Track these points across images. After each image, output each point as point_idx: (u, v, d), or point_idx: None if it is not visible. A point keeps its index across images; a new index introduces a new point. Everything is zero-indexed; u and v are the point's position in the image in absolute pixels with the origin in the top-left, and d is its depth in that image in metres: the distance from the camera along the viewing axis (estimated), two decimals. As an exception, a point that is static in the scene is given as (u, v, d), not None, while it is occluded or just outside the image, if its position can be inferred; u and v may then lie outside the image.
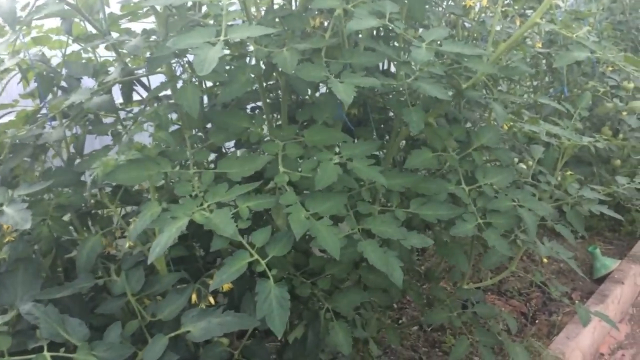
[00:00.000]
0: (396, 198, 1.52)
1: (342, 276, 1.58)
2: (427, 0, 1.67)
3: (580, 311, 1.81)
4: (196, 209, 1.23)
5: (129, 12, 1.61)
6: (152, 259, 1.16)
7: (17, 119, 1.64)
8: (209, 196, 1.27)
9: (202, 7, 1.56)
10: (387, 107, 1.80)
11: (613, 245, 3.18)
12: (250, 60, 1.56)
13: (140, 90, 1.68)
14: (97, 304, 1.43)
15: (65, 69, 1.64)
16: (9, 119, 1.65)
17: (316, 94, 1.67)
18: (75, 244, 1.57)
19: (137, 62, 1.79)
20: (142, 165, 1.28)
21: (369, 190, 1.48)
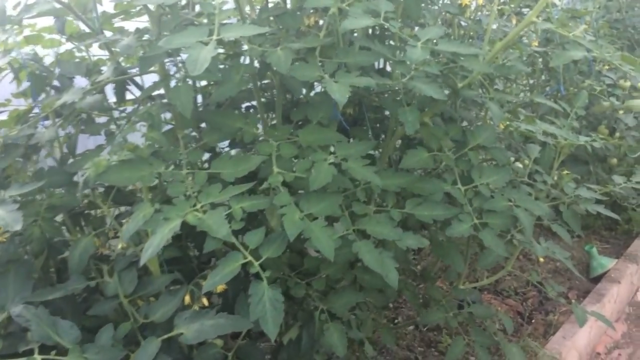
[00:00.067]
0: (392, 198, 1.51)
1: (337, 277, 1.57)
2: (423, -1, 1.66)
3: (577, 311, 1.81)
4: (189, 209, 1.22)
5: (121, 11, 1.59)
6: (144, 261, 1.14)
7: (9, 119, 1.62)
8: (202, 197, 1.26)
9: (196, 6, 1.54)
10: (382, 106, 1.79)
11: (609, 244, 3.18)
12: (245, 60, 1.55)
13: (134, 89, 1.66)
14: (90, 305, 1.42)
15: (58, 68, 1.63)
16: (1, 118, 1.63)
17: (311, 93, 1.66)
18: (67, 244, 1.55)
19: (130, 61, 1.78)
20: (134, 166, 1.27)
21: (364, 191, 1.47)
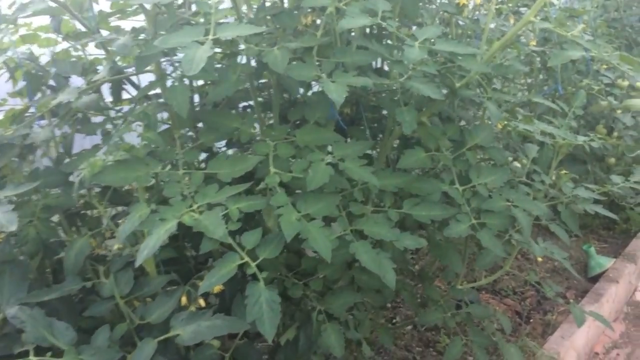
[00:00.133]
0: (389, 198, 1.50)
1: (334, 277, 1.56)
2: (421, -2, 1.65)
3: (575, 311, 1.80)
4: (185, 210, 1.21)
5: (118, 10, 1.58)
6: (139, 262, 1.14)
7: (4, 118, 1.61)
8: (198, 197, 1.25)
9: (193, 5, 1.53)
10: (380, 105, 1.79)
11: (607, 243, 3.18)
12: (242, 59, 1.54)
13: (132, 88, 1.66)
14: (87, 306, 1.41)
15: (54, 67, 1.62)
16: (-3, 118, 1.62)
17: (309, 92, 1.65)
18: (63, 245, 1.54)
19: (127, 60, 1.77)
20: (130, 166, 1.26)
21: (361, 191, 1.46)
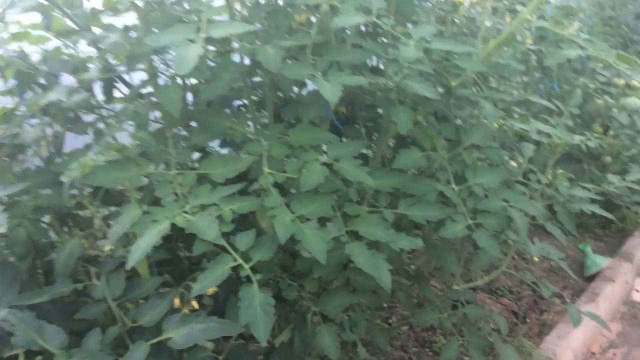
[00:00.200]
0: (385, 198, 1.49)
1: (329, 278, 1.55)
2: (416, -4, 1.64)
3: (572, 312, 1.80)
4: (178, 211, 1.20)
5: (109, 7, 1.55)
6: (130, 265, 1.12)
7: (-5, 117, 1.59)
8: (191, 198, 1.24)
9: (185, 3, 1.51)
10: (375, 104, 1.77)
11: (604, 242, 3.18)
12: (236, 57, 1.52)
13: (124, 87, 1.63)
14: (79, 308, 1.39)
15: (44, 66, 1.59)
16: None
17: (303, 91, 1.64)
18: (54, 246, 1.52)
19: (119, 58, 1.74)
20: (121, 167, 1.24)
21: (356, 191, 1.44)
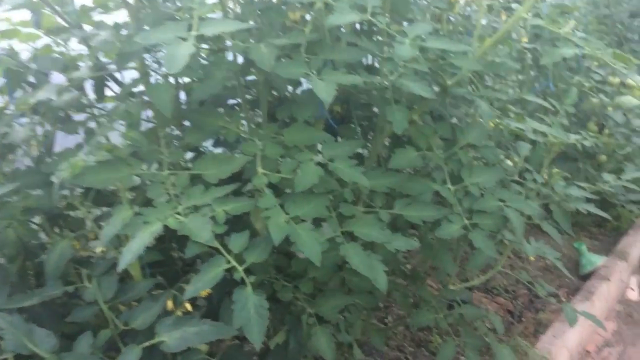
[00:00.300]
0: (380, 198, 1.47)
1: (325, 279, 1.53)
2: (412, -6, 1.62)
3: (568, 311, 1.79)
4: (170, 212, 1.18)
5: (100, 4, 1.53)
6: (122, 267, 1.10)
7: (-17, 117, 1.56)
8: (183, 199, 1.22)
9: (177, 0, 1.49)
10: (371, 103, 1.75)
11: (599, 240, 3.18)
12: (229, 55, 1.50)
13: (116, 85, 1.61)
14: (70, 310, 1.37)
15: (34, 64, 1.57)
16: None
17: (297, 90, 1.62)
18: (45, 248, 1.50)
19: (110, 56, 1.72)
20: (112, 167, 1.22)
21: (352, 191, 1.43)
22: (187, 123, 1.53)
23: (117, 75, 1.59)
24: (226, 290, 1.42)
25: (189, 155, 1.69)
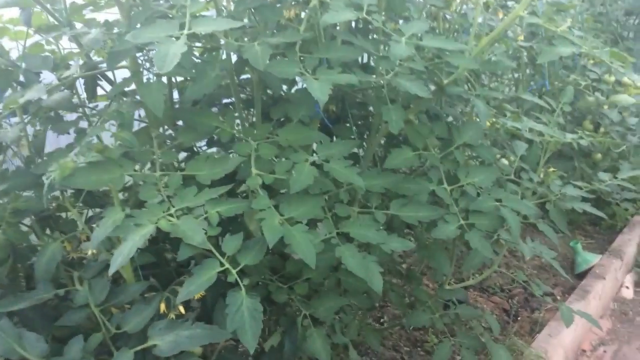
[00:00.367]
0: (376, 199, 1.46)
1: (320, 280, 1.52)
2: (407, -9, 1.60)
3: (563, 311, 1.78)
4: (162, 214, 1.15)
5: (90, 2, 1.51)
6: (113, 270, 1.08)
7: (-28, 117, 1.53)
8: (176, 201, 1.20)
9: (169, -3, 1.46)
10: (366, 102, 1.74)
11: (594, 239, 3.18)
12: (224, 54, 1.48)
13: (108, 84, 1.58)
14: (62, 313, 1.35)
15: (24, 62, 1.54)
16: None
17: (292, 89, 1.60)
18: (35, 250, 1.47)
19: (102, 54, 1.69)
20: (103, 168, 1.19)
21: (347, 192, 1.41)
22: (180, 123, 1.51)
23: (109, 74, 1.57)
24: (220, 292, 1.41)
25: (183, 155, 1.67)
